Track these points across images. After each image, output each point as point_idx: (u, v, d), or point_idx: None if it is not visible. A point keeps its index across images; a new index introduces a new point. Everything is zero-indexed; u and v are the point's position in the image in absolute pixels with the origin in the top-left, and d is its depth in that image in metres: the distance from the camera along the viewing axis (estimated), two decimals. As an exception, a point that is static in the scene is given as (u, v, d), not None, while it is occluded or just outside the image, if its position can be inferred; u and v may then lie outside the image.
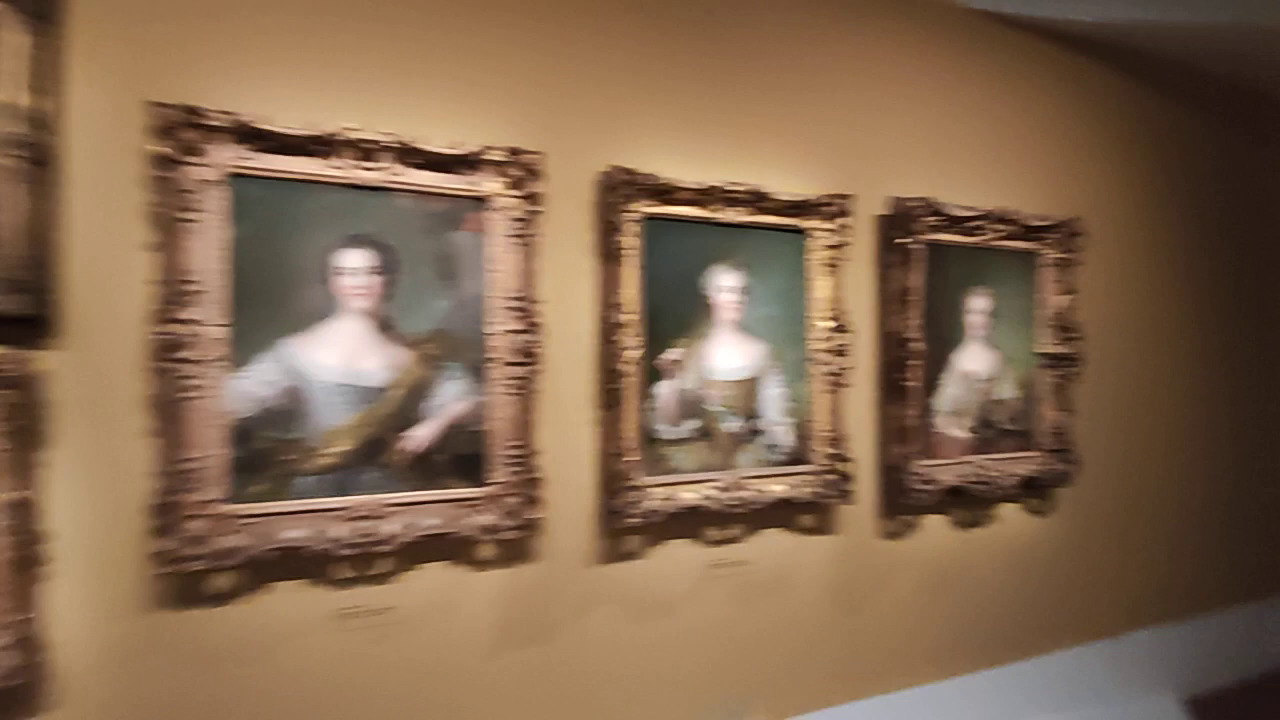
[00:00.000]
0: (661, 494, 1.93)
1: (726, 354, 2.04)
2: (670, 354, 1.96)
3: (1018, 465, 2.52)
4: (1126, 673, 2.84)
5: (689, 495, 1.97)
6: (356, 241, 1.62)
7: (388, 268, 1.64)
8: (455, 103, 1.74)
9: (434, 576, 1.71)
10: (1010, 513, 2.57)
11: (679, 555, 2.02)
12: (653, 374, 1.94)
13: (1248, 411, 3.25)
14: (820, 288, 2.16)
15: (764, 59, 2.17)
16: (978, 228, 2.41)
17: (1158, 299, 2.95)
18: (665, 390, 1.96)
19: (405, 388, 1.65)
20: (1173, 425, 2.99)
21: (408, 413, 1.65)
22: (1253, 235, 3.28)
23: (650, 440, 1.93)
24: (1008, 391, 2.52)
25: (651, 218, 1.94)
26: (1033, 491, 2.58)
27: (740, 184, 2.02)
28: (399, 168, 1.64)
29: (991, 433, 2.49)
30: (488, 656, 1.77)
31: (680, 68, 2.04)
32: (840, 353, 2.17)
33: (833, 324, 2.17)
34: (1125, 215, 2.87)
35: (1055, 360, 2.58)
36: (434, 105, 1.72)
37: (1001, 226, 2.45)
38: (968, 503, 2.46)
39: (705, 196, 1.99)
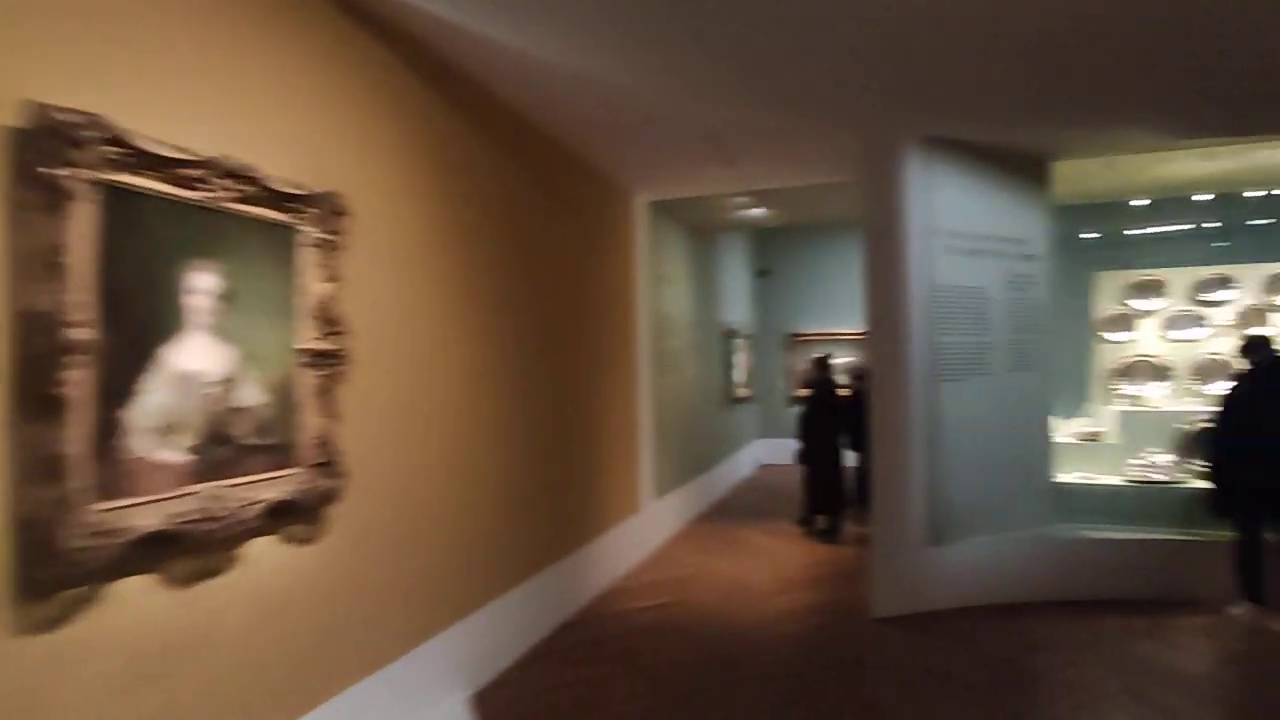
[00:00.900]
0: None
1: None
2: None
3: (269, 488, 2.02)
4: (420, 687, 2.67)
5: None
6: None
7: None
8: None
9: None
10: (262, 549, 2.04)
11: None
12: None
13: (530, 400, 3.57)
14: None
15: None
16: (199, 179, 1.81)
17: (437, 294, 2.91)
18: None
19: None
20: (453, 422, 2.99)
21: None
22: (529, 242, 3.65)
23: None
24: (253, 397, 2.00)
25: None
26: (292, 517, 2.12)
27: None
28: None
29: (228, 451, 1.92)
30: None
31: None
32: (-103, 340, 1.25)
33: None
34: (402, 207, 2.72)
35: (317, 358, 2.18)
36: None
37: (237, 186, 1.91)
38: (189, 548, 1.81)
39: None
